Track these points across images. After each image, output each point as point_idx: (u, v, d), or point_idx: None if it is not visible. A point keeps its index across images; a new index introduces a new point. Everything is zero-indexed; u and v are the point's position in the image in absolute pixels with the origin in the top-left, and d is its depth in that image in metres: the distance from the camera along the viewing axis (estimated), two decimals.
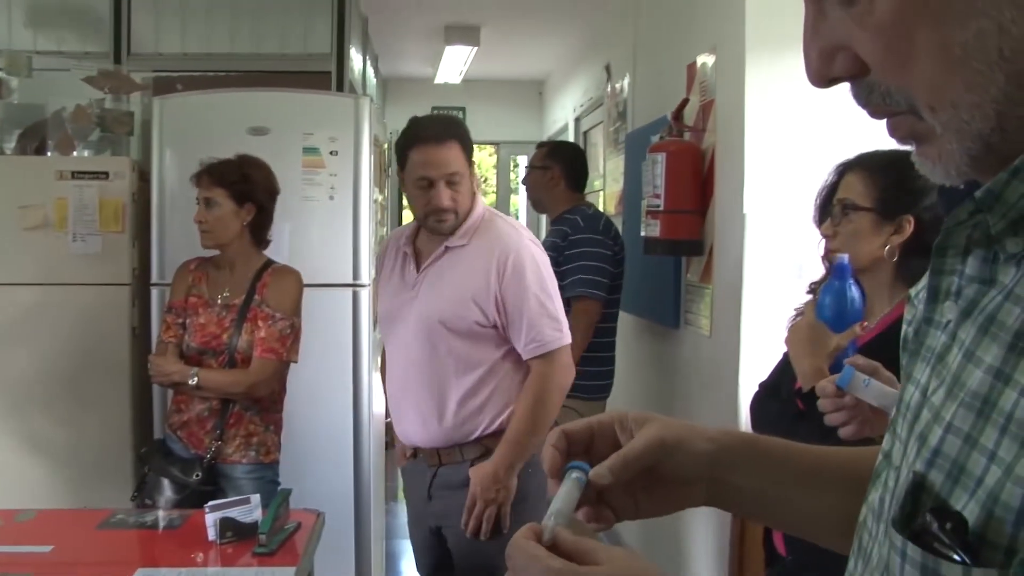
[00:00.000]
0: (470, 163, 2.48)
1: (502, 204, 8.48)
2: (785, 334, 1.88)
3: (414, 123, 2.53)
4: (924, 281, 0.65)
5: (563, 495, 0.76)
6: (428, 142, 2.42)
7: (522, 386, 2.44)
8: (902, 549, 0.54)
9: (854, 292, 1.72)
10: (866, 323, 1.77)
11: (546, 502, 2.28)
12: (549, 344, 2.40)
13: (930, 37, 0.53)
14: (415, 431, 2.49)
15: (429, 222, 2.44)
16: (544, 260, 2.49)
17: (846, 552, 0.70)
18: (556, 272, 3.55)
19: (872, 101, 0.58)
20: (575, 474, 0.78)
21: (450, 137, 2.43)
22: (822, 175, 1.98)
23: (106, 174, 3.43)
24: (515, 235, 2.46)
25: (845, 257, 1.72)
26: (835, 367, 1.74)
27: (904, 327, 0.68)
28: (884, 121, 0.59)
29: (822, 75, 0.59)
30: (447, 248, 2.46)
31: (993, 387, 0.52)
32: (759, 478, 0.84)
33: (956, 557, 0.50)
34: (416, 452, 2.53)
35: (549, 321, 2.40)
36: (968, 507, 0.51)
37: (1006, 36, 0.51)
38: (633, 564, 0.66)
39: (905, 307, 0.69)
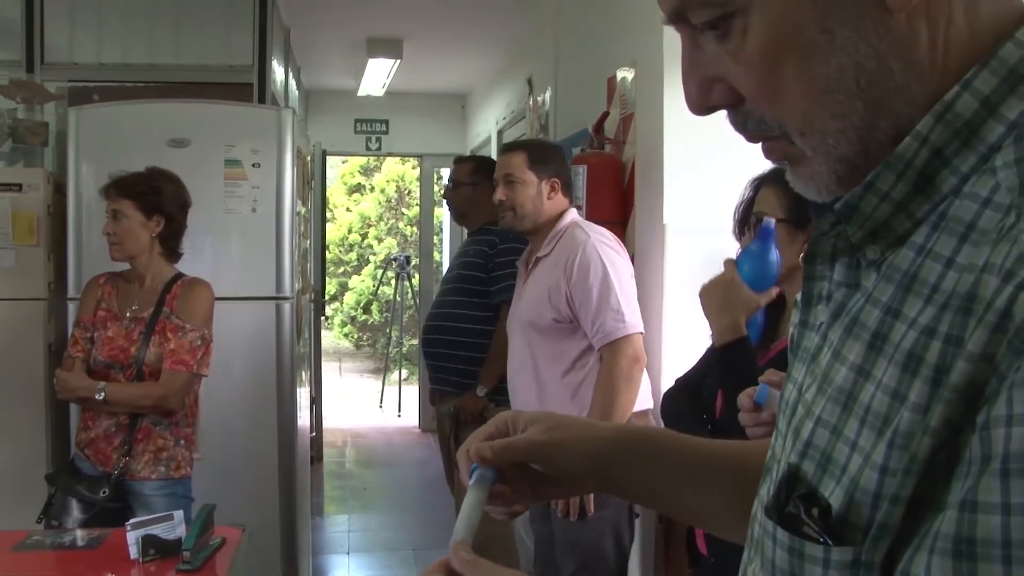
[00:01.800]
0: (543, 176, 2.81)
1: (426, 216, 8.47)
2: (700, 291, 1.86)
3: None
4: None
5: (470, 505, 0.80)
6: (501, 153, 2.94)
7: None
8: (773, 533, 0.59)
9: (775, 255, 1.75)
10: (781, 288, 1.80)
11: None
12: (611, 334, 2.60)
13: (797, 72, 0.58)
14: None
15: (498, 218, 2.91)
16: (612, 257, 2.69)
17: (739, 541, 0.74)
18: (487, 278, 3.62)
19: (748, 127, 0.63)
20: (487, 479, 0.83)
21: (518, 148, 2.90)
22: (739, 183, 2.04)
23: (19, 186, 3.34)
24: (583, 236, 2.72)
25: (771, 221, 1.76)
26: (750, 326, 1.78)
27: (791, 329, 0.73)
28: (760, 144, 0.65)
29: (701, 105, 0.64)
30: (538, 258, 2.81)
31: (856, 382, 0.57)
32: (649, 473, 0.89)
33: (819, 539, 0.55)
34: None
35: (611, 313, 2.61)
36: (834, 493, 0.55)
37: (862, 70, 0.57)
38: None
39: (794, 311, 0.74)
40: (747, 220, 1.91)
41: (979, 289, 0.50)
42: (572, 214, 2.84)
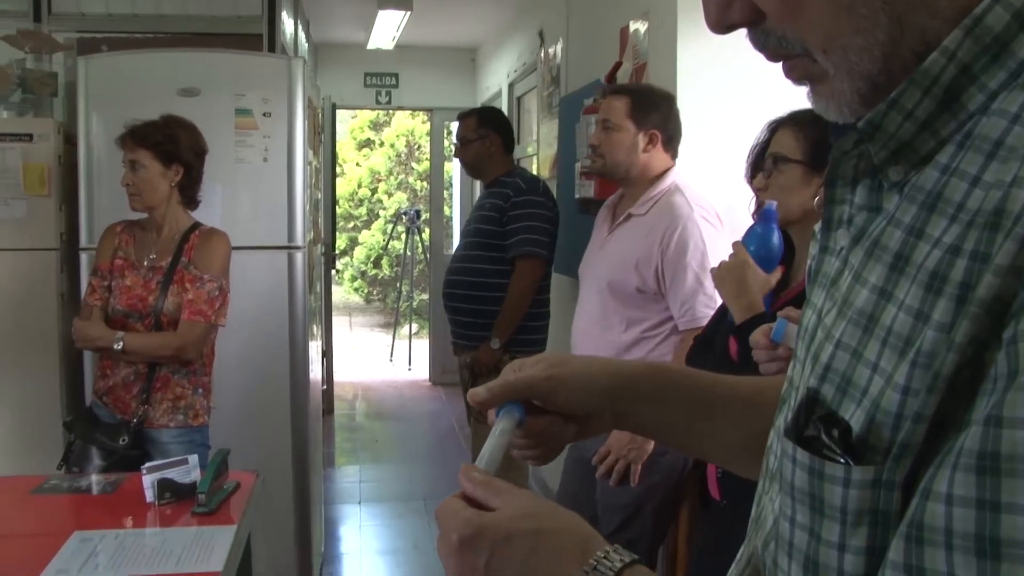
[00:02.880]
0: (643, 126, 2.60)
1: (436, 171, 8.44)
2: (714, 275, 1.95)
3: None
4: None
5: (493, 438, 0.80)
6: (606, 96, 2.76)
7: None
8: (792, 455, 0.58)
9: (777, 235, 1.81)
10: (785, 267, 1.86)
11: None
12: (700, 319, 2.47)
13: None
14: None
15: (590, 162, 2.74)
16: (713, 237, 2.52)
17: (753, 476, 0.74)
18: (500, 232, 3.61)
19: (769, 45, 0.61)
20: (514, 413, 0.83)
21: (623, 93, 2.70)
22: (752, 134, 2.03)
23: (30, 136, 3.34)
24: (686, 209, 2.54)
25: (773, 204, 1.79)
26: (765, 303, 1.84)
27: (808, 260, 0.72)
28: (780, 64, 0.63)
29: (720, 22, 0.62)
30: (630, 215, 2.64)
31: (877, 304, 0.56)
32: (664, 409, 0.89)
33: (840, 459, 0.55)
34: None
35: (704, 298, 2.48)
36: (855, 416, 0.55)
37: None
38: (523, 503, 0.69)
39: (811, 242, 0.73)
40: (760, 162, 1.91)
41: (1007, 204, 0.49)
42: (674, 175, 2.63)
